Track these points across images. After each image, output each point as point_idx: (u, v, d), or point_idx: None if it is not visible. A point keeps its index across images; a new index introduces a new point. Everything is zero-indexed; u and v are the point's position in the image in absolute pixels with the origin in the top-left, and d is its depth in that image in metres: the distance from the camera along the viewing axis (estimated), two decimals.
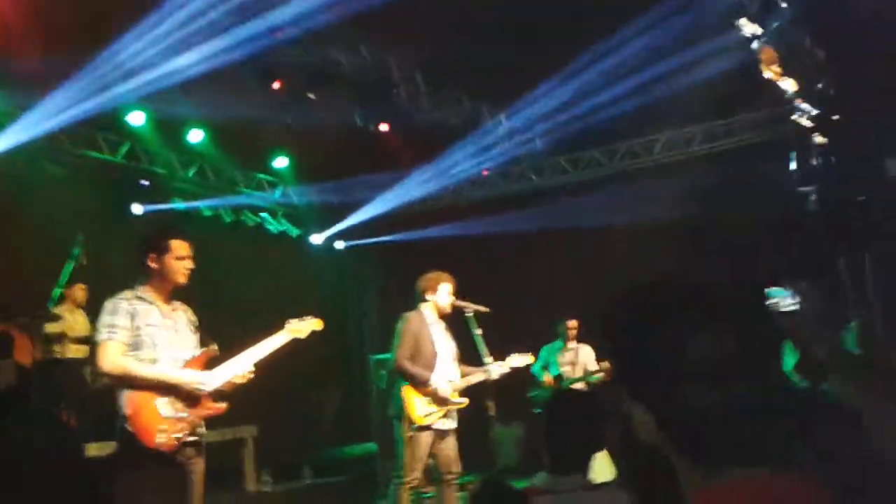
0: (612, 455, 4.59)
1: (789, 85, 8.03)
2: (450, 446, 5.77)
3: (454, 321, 6.05)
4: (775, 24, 7.18)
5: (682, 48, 7.23)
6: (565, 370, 8.00)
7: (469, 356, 6.08)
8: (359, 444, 9.55)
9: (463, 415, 5.92)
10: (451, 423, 5.79)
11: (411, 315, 5.87)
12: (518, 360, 6.32)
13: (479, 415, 6.18)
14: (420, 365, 5.72)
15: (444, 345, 5.91)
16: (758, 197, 8.27)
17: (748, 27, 7.24)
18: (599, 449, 2.91)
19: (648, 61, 7.56)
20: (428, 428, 5.66)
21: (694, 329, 1.20)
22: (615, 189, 9.55)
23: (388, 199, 9.91)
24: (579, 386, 7.87)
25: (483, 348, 5.99)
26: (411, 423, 5.61)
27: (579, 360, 8.05)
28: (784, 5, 6.75)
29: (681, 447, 1.21)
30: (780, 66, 7.82)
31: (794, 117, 8.42)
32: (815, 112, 8.26)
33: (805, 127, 8.42)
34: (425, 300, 5.90)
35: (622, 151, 10.06)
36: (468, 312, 5.97)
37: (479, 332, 5.98)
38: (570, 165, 10.32)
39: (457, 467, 5.78)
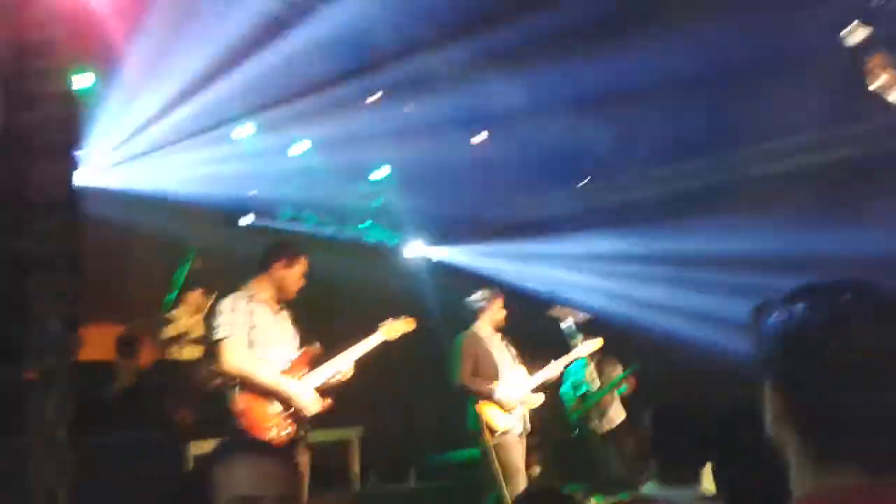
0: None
1: None
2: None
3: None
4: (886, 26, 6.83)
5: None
6: (591, 386, 7.78)
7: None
8: (463, 450, 9.54)
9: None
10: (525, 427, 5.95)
11: (464, 335, 6.13)
12: (590, 345, 6.46)
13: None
14: (483, 379, 5.92)
15: (503, 355, 6.11)
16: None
17: (859, 31, 6.91)
18: (708, 460, 2.82)
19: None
20: (508, 433, 5.81)
21: None
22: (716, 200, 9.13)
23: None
24: (607, 399, 7.82)
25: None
26: (493, 432, 5.77)
27: (603, 375, 7.93)
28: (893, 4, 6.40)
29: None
30: (893, 72, 7.42)
31: None
32: None
33: None
34: (478, 317, 6.15)
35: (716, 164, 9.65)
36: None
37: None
38: (672, 175, 9.98)
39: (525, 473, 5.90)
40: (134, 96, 6.72)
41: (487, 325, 6.15)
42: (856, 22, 6.82)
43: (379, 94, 8.01)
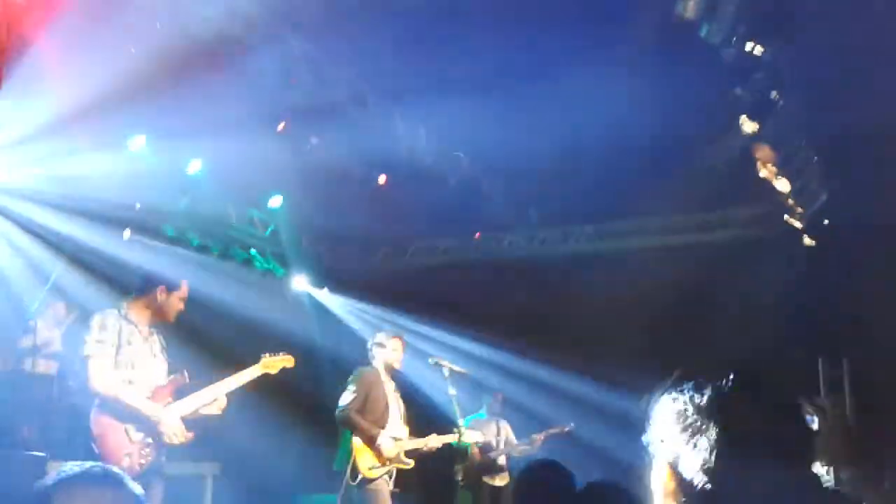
0: None
1: (783, 185, 8.19)
2: None
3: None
4: (773, 124, 7.32)
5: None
6: (490, 441, 7.96)
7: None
8: (319, 496, 9.29)
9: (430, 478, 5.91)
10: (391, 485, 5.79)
11: (367, 370, 5.95)
12: (474, 436, 6.43)
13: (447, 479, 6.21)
14: (370, 420, 5.72)
15: (395, 405, 5.96)
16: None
17: (747, 125, 7.38)
18: None
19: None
20: (375, 481, 5.63)
21: None
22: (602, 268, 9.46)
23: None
24: (503, 459, 7.98)
25: (456, 410, 5.97)
26: (357, 475, 5.56)
27: (501, 433, 8.13)
28: (782, 104, 6.88)
29: None
30: (775, 164, 7.98)
31: (785, 217, 8.56)
32: (806, 213, 8.41)
33: (795, 228, 8.56)
34: (374, 356, 5.98)
35: (613, 230, 10.04)
36: (445, 372, 6.01)
37: (453, 392, 5.97)
38: (561, 238, 10.29)
39: None
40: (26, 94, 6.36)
41: (381, 365, 5.95)
42: (744, 116, 7.28)
43: (283, 124, 7.89)
